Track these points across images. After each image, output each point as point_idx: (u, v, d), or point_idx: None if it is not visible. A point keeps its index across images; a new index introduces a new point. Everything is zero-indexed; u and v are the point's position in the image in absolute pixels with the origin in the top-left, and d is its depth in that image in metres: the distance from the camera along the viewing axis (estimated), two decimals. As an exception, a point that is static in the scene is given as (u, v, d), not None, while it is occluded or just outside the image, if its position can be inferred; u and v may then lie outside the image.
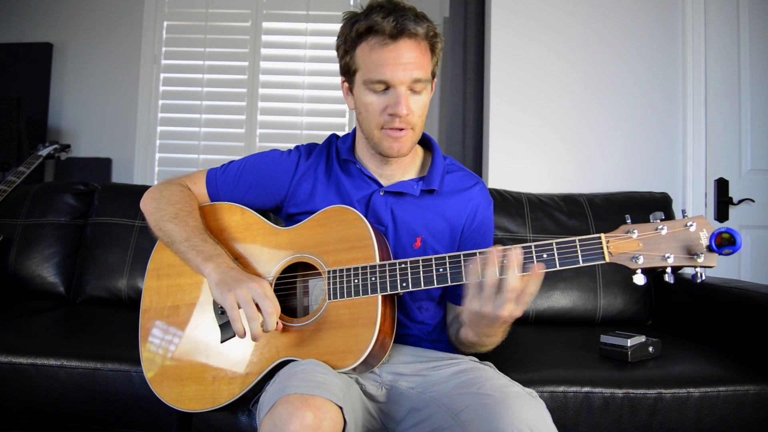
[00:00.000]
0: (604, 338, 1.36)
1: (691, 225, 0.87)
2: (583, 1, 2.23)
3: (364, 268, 1.01)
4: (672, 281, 0.89)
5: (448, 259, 0.97)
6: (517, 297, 0.89)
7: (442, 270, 0.96)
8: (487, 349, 1.09)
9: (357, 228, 1.04)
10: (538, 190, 2.02)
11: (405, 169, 1.19)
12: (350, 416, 0.89)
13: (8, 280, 1.90)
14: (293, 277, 1.13)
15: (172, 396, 1.09)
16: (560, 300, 1.77)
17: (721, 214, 2.16)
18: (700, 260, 0.86)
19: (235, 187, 1.22)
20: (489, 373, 1.02)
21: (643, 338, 1.34)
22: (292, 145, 1.27)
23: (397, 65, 1.02)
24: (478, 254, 0.93)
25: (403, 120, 1.05)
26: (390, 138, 1.08)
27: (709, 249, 0.85)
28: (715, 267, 0.87)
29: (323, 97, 3.05)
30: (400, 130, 1.07)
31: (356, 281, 1.01)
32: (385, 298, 1.01)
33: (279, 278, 1.10)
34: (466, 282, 0.94)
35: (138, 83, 3.10)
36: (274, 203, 1.23)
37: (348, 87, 1.14)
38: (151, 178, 3.08)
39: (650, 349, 1.34)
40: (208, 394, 1.07)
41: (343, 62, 1.11)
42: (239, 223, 1.17)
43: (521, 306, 0.90)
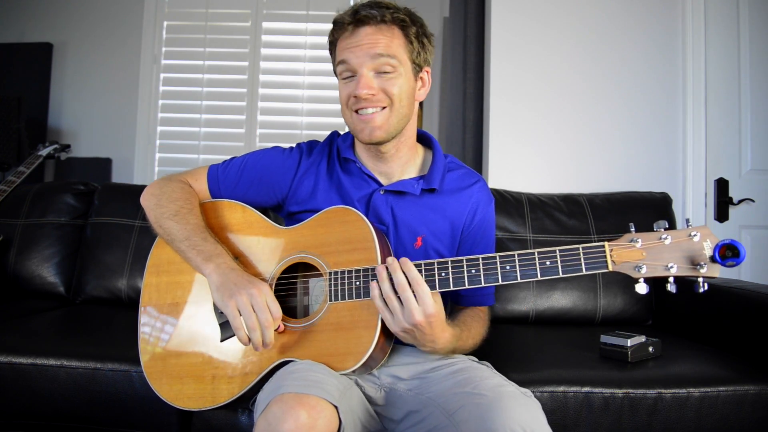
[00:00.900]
0: (604, 338, 1.35)
1: (695, 235, 0.87)
2: (583, 1, 2.23)
3: (366, 271, 1.01)
4: (674, 291, 0.88)
5: (450, 263, 0.97)
6: (418, 296, 0.92)
7: (444, 274, 0.96)
8: (465, 350, 1.12)
9: (359, 229, 1.04)
10: (538, 190, 2.01)
11: (404, 168, 1.19)
12: (346, 416, 0.89)
13: (8, 280, 1.90)
14: (294, 276, 1.12)
15: (171, 394, 1.09)
16: (560, 300, 1.77)
17: (721, 214, 2.16)
18: (703, 270, 0.86)
19: (237, 184, 1.21)
20: (485, 372, 1.02)
21: (643, 338, 1.34)
22: (292, 144, 1.27)
23: (355, 47, 1.07)
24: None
25: (369, 100, 1.07)
26: (361, 122, 1.10)
27: (713, 260, 0.85)
28: (717, 278, 0.87)
29: (323, 97, 3.05)
30: (368, 112, 1.08)
31: (357, 283, 1.01)
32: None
33: (279, 278, 1.10)
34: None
35: (138, 83, 3.11)
36: (275, 201, 1.23)
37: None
38: (151, 178, 3.08)
39: (650, 349, 1.34)
40: (208, 393, 1.07)
41: (333, 63, 1.16)
42: (240, 221, 1.17)
43: (425, 303, 0.93)
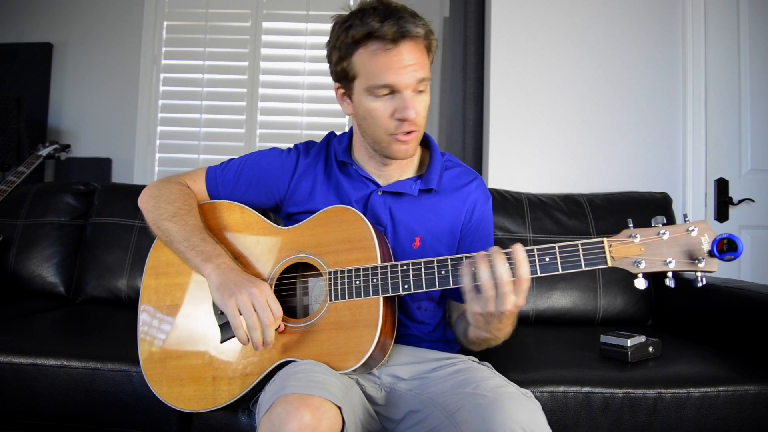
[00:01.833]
0: (604, 338, 1.35)
1: (693, 230, 0.87)
2: (584, 1, 2.23)
3: (366, 270, 1.01)
4: (673, 285, 0.89)
5: (450, 261, 0.97)
6: (515, 288, 0.89)
7: (444, 272, 0.96)
8: (499, 342, 1.07)
9: (358, 228, 1.04)
10: (538, 190, 2.01)
11: (403, 169, 1.18)
12: (349, 416, 0.89)
13: (8, 280, 1.90)
14: (293, 276, 1.12)
15: (171, 396, 1.09)
16: (560, 300, 1.77)
17: (721, 214, 2.16)
18: (701, 265, 0.86)
19: (235, 185, 1.21)
20: (485, 373, 1.02)
21: (643, 338, 1.34)
22: (291, 144, 1.26)
23: (401, 69, 1.01)
24: (465, 258, 0.93)
25: (413, 123, 1.05)
26: (398, 143, 1.07)
27: (711, 254, 0.85)
28: (715, 272, 0.87)
29: (323, 97, 3.05)
30: (409, 133, 1.06)
31: (357, 282, 1.01)
32: (386, 300, 1.01)
33: (279, 278, 1.09)
34: (461, 286, 0.93)
35: (138, 83, 3.10)
36: (273, 202, 1.22)
37: (344, 93, 1.12)
38: (151, 178, 3.08)
39: (650, 349, 1.34)
40: (208, 394, 1.07)
41: (339, 68, 1.07)
42: (239, 221, 1.16)
43: (522, 294, 0.90)
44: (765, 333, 1.32)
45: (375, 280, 1.00)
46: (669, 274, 0.89)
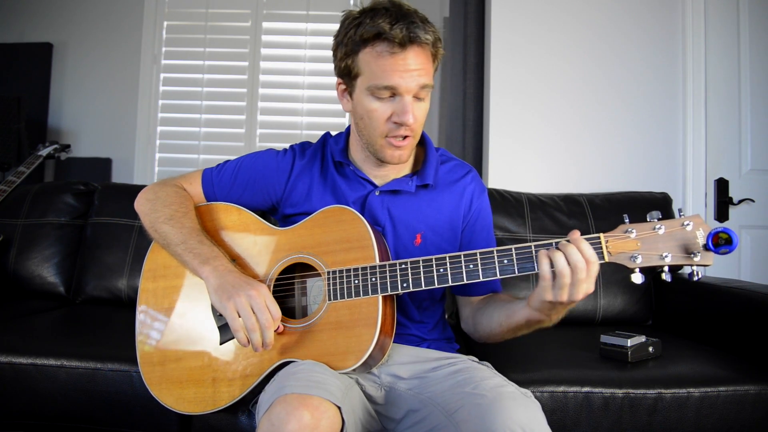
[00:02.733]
0: (604, 338, 1.35)
1: (688, 224, 0.88)
2: (584, 1, 2.23)
3: (364, 269, 1.01)
4: (669, 279, 0.90)
5: (448, 259, 0.97)
6: (587, 275, 0.88)
7: (442, 270, 0.96)
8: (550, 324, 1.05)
9: (356, 228, 1.04)
10: (538, 190, 2.01)
11: (399, 168, 1.18)
12: (348, 416, 0.89)
13: (8, 280, 1.90)
14: (291, 277, 1.12)
15: (171, 399, 1.09)
16: (560, 300, 1.76)
17: (721, 214, 2.16)
18: (697, 259, 0.87)
19: (231, 187, 1.21)
20: (485, 373, 1.02)
21: (643, 338, 1.34)
22: (287, 145, 1.26)
23: (405, 72, 1.01)
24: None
25: (409, 128, 1.05)
26: (392, 147, 1.07)
27: (706, 248, 0.86)
28: (711, 265, 0.87)
29: (323, 97, 3.05)
30: (404, 138, 1.06)
31: (356, 282, 1.01)
32: (385, 299, 1.01)
33: (277, 279, 1.09)
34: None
35: (138, 83, 3.10)
36: (270, 203, 1.22)
37: (345, 89, 1.12)
38: (151, 178, 3.08)
39: (650, 349, 1.34)
40: (208, 396, 1.06)
41: (343, 64, 1.08)
42: (236, 223, 1.16)
43: (592, 281, 0.89)
44: (765, 333, 1.32)
45: (373, 279, 1.00)
46: (665, 268, 0.90)
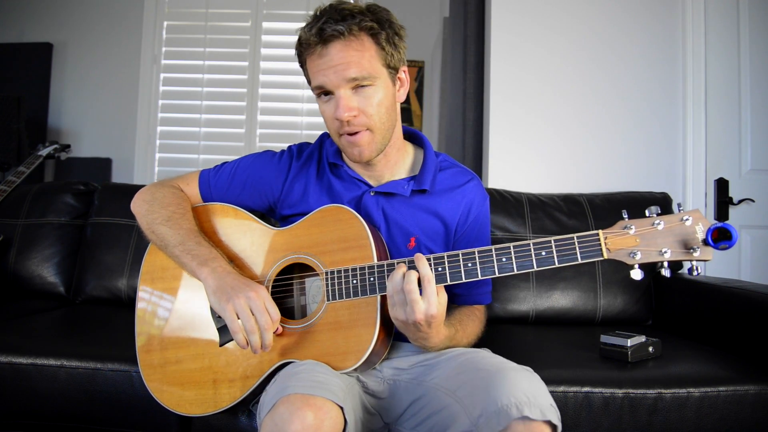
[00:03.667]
0: (604, 338, 1.35)
1: (687, 219, 0.88)
2: (584, 1, 2.23)
3: (363, 269, 1.01)
4: (668, 275, 0.90)
5: (446, 258, 0.97)
6: (422, 293, 0.92)
7: (441, 269, 0.96)
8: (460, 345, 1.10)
9: (353, 227, 1.04)
10: (538, 190, 2.01)
11: (393, 169, 1.18)
12: (350, 416, 0.89)
13: (8, 280, 1.90)
14: (290, 277, 1.12)
15: (172, 401, 1.09)
16: (560, 300, 1.77)
17: (721, 214, 2.16)
18: (696, 254, 0.87)
19: (228, 189, 1.21)
20: (485, 353, 1.04)
21: (643, 338, 1.34)
22: (285, 146, 1.26)
23: (328, 69, 1.03)
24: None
25: (353, 123, 1.05)
26: (349, 144, 1.08)
27: (705, 243, 0.86)
28: (710, 260, 0.87)
29: (323, 97, 3.04)
30: (355, 134, 1.06)
31: (355, 282, 1.01)
32: (384, 298, 1.01)
33: (275, 279, 1.09)
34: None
35: (138, 83, 3.11)
36: (267, 205, 1.22)
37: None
38: (151, 178, 3.08)
39: (650, 349, 1.34)
40: (209, 398, 1.07)
41: (306, 79, 1.13)
42: (233, 223, 1.16)
43: (430, 300, 0.92)
44: (765, 333, 1.32)
45: (372, 279, 0.99)
46: (664, 263, 0.90)
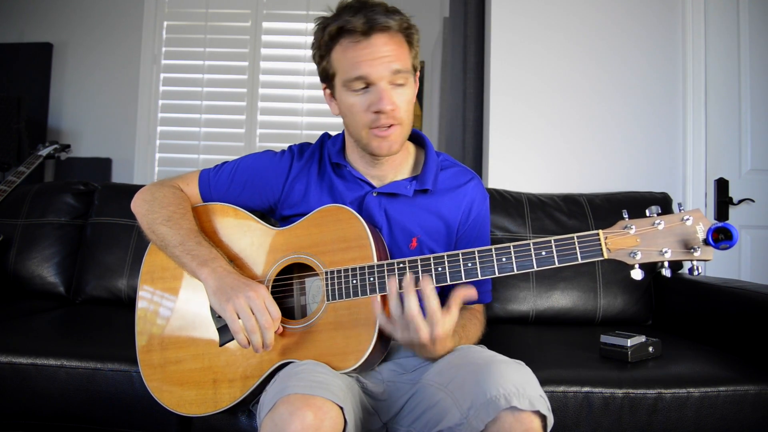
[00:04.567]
0: (604, 338, 1.35)
1: (688, 219, 0.88)
2: (584, 1, 2.23)
3: (362, 269, 1.00)
4: (669, 275, 0.90)
5: (446, 258, 0.97)
6: (428, 319, 0.92)
7: (440, 269, 0.96)
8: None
9: (353, 227, 1.04)
10: (538, 190, 2.01)
11: (397, 169, 1.18)
12: (350, 416, 0.89)
13: (8, 280, 1.90)
14: (290, 277, 1.12)
15: (172, 401, 1.09)
16: (560, 300, 1.77)
17: (721, 214, 2.16)
18: (697, 254, 0.86)
19: (228, 188, 1.21)
20: (477, 348, 1.04)
21: (643, 338, 1.34)
22: (286, 146, 1.26)
23: (373, 60, 1.02)
24: (378, 296, 0.96)
25: (390, 116, 1.04)
26: (378, 138, 1.07)
27: (706, 243, 0.86)
28: (711, 260, 0.87)
29: (323, 97, 3.04)
30: (388, 127, 1.06)
31: (354, 282, 1.00)
32: (384, 298, 1.00)
33: (275, 279, 1.09)
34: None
35: (138, 83, 3.11)
36: (267, 205, 1.22)
37: (330, 93, 1.13)
38: (151, 178, 3.08)
39: (650, 349, 1.34)
40: (209, 398, 1.06)
41: (321, 68, 1.10)
42: (233, 223, 1.16)
43: (437, 326, 0.92)
44: (765, 333, 1.32)
45: (372, 279, 0.99)
46: (665, 263, 0.89)
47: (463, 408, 0.88)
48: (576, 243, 0.91)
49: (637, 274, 0.89)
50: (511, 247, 0.93)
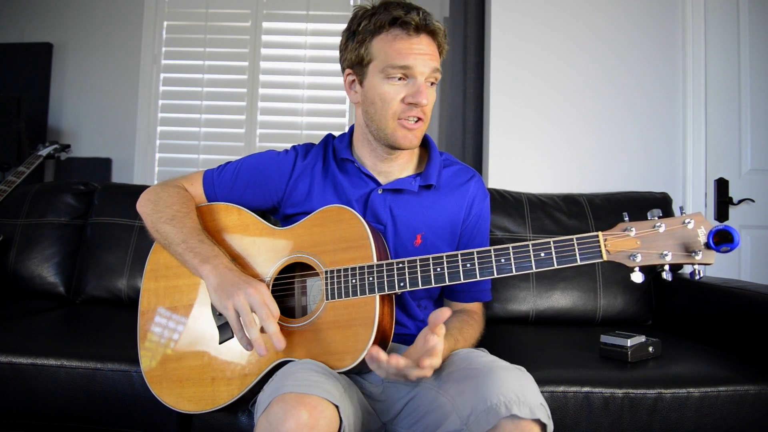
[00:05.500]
0: (604, 338, 1.35)
1: (689, 222, 0.87)
2: (584, 1, 2.23)
3: (362, 268, 1.01)
4: (669, 278, 0.89)
5: (445, 258, 0.97)
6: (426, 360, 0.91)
7: (439, 269, 0.96)
8: None
9: (354, 227, 1.04)
10: (538, 190, 2.02)
11: (403, 167, 1.19)
12: (347, 415, 0.89)
13: (8, 280, 1.90)
14: (291, 276, 1.13)
15: (171, 397, 1.09)
16: (560, 300, 1.77)
17: (721, 214, 2.16)
18: (698, 257, 0.86)
19: (232, 188, 1.22)
20: (478, 352, 1.04)
21: (643, 338, 1.34)
22: (289, 145, 1.26)
23: (421, 54, 1.07)
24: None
25: (422, 110, 1.09)
26: (404, 129, 1.10)
27: (707, 246, 0.85)
28: (712, 264, 0.87)
29: (323, 97, 3.05)
30: (416, 121, 1.10)
31: (354, 281, 1.01)
32: (383, 298, 1.01)
33: (277, 278, 1.10)
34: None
35: (138, 83, 3.10)
36: (270, 204, 1.23)
37: (354, 80, 1.14)
38: (151, 178, 3.08)
39: (650, 349, 1.34)
40: (208, 395, 1.07)
41: (355, 54, 1.11)
42: (236, 223, 1.17)
43: (431, 366, 0.92)
44: (765, 333, 1.32)
45: (371, 279, 1.00)
46: (666, 267, 0.89)
47: (463, 415, 0.88)
48: (575, 245, 0.90)
49: (637, 277, 0.88)
50: (510, 248, 0.93)
